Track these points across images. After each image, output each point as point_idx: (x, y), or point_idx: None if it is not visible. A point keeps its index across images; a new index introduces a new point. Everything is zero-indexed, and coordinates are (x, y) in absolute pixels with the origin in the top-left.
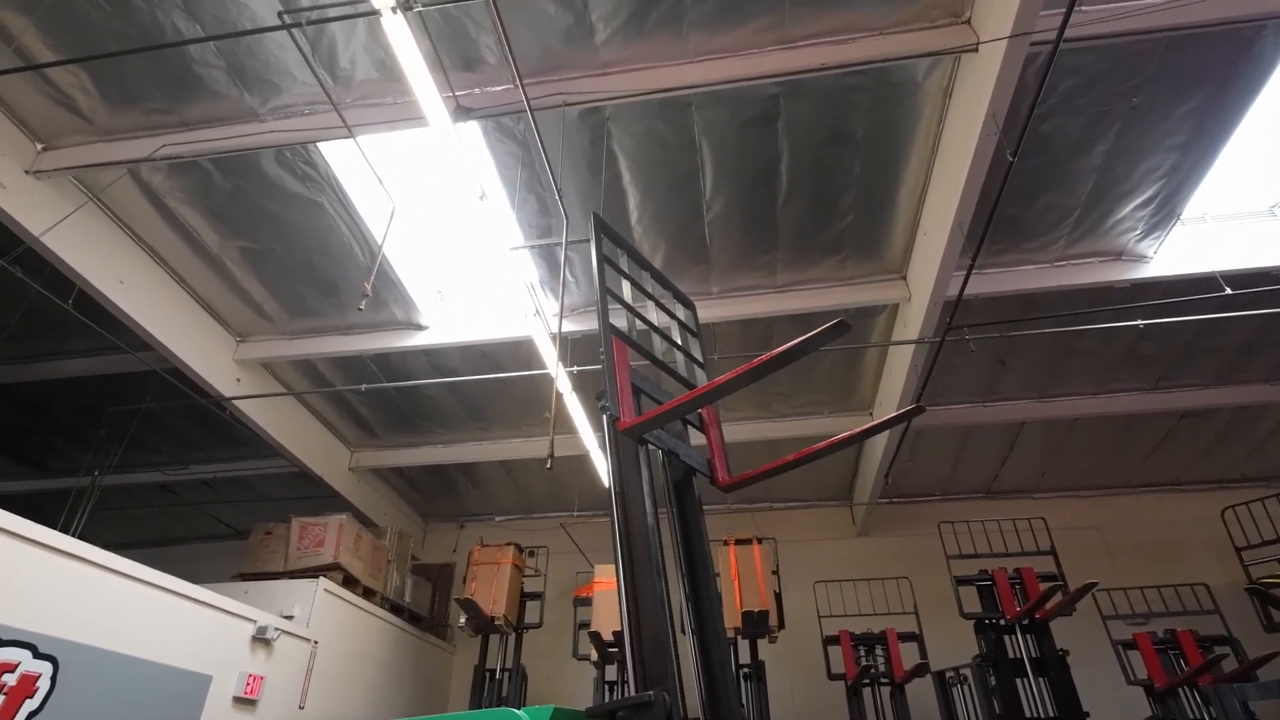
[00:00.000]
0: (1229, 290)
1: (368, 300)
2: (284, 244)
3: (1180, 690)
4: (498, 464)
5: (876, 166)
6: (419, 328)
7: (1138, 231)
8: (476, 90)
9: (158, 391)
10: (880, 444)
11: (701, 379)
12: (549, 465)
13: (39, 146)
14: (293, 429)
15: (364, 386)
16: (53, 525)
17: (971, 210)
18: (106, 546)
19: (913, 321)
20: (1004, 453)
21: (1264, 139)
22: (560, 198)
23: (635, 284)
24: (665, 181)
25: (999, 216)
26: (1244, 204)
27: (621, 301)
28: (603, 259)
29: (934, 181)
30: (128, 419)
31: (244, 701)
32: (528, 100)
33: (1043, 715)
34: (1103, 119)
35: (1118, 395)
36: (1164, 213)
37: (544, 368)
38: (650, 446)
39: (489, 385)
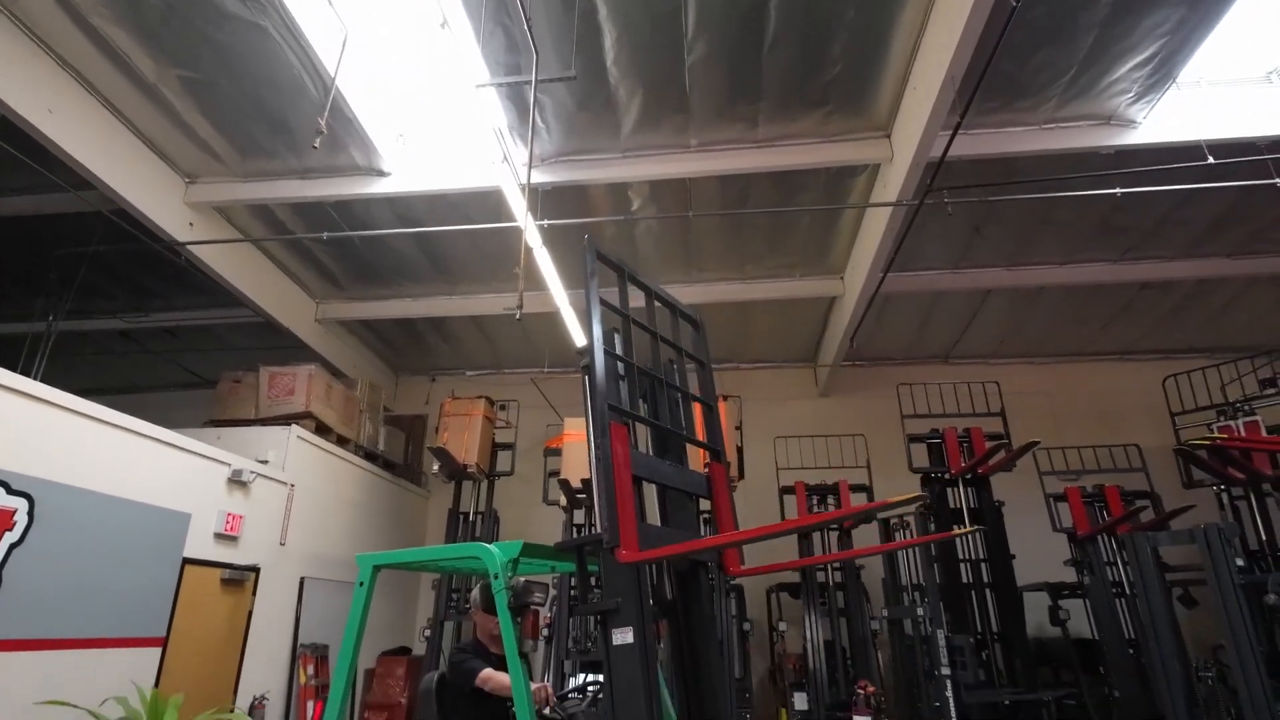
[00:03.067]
0: (1211, 160)
1: (322, 138)
2: (228, 75)
3: (1099, 537)
4: (468, 319)
5: (871, 10)
6: (380, 174)
7: (1131, 94)
8: None
9: (106, 234)
10: (848, 308)
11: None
12: (518, 317)
13: None
14: (254, 278)
15: (325, 235)
16: (10, 370)
17: (966, 63)
18: (70, 393)
19: (893, 183)
20: (967, 319)
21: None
22: (530, 30)
23: (640, 324)
24: (645, 18)
25: (992, 72)
26: (1241, 69)
27: (622, 359)
28: (598, 303)
29: (929, 29)
30: (76, 262)
31: (225, 538)
32: None
33: (974, 557)
34: None
35: (1085, 265)
36: (1160, 74)
37: (513, 220)
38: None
39: (457, 238)
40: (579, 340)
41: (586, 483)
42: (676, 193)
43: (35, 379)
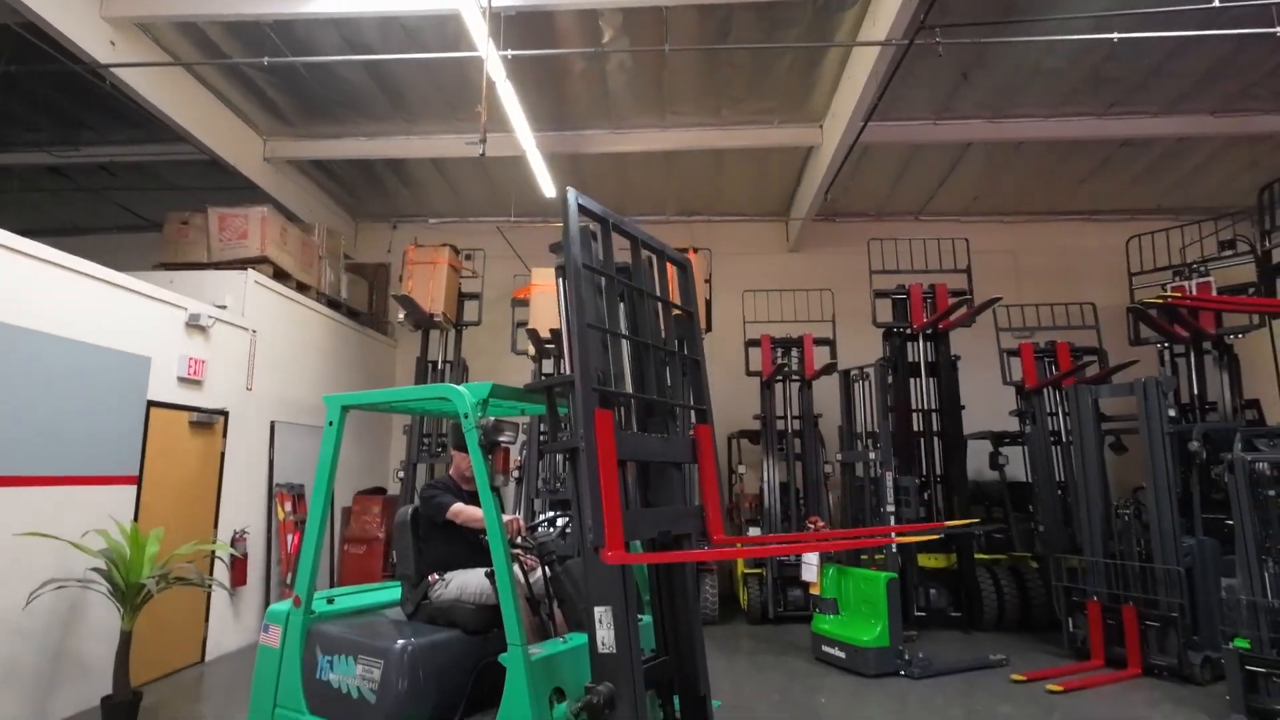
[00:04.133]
0: (1218, 2)
1: None
2: None
3: (1045, 390)
4: (428, 162)
5: None
6: None
7: None
8: None
9: (17, 52)
10: (825, 159)
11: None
12: (481, 153)
13: None
14: (191, 109)
15: (265, 60)
16: None
17: None
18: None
19: (883, 18)
20: (944, 175)
21: None
22: None
23: (627, 284)
24: None
25: None
26: None
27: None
28: (582, 268)
29: None
30: None
31: (189, 381)
32: None
33: (926, 408)
34: None
35: (1068, 120)
36: None
37: (474, 49)
38: None
39: (413, 69)
40: (547, 188)
41: (555, 333)
42: (652, 24)
43: None
